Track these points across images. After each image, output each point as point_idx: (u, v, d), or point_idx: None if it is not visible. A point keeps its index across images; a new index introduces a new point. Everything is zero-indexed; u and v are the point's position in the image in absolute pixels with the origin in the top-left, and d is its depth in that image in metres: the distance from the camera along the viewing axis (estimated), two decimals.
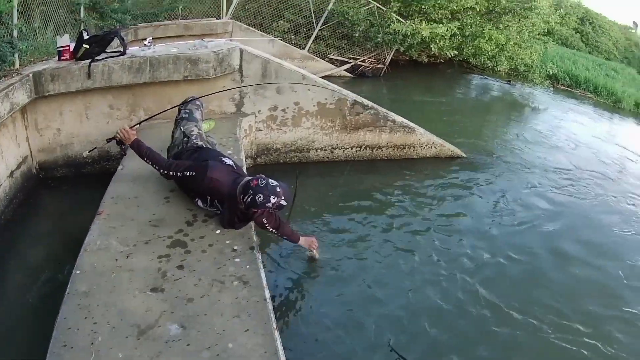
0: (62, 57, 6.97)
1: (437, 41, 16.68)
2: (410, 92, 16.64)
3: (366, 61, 17.98)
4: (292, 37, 17.54)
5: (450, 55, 17.81)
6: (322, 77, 9.48)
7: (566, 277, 6.67)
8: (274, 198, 4.40)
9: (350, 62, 17.84)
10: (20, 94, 6.34)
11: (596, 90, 23.12)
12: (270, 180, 4.48)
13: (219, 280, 3.98)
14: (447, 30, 16.66)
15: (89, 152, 5.72)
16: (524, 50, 18.68)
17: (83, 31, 7.09)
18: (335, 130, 8.85)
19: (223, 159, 5.16)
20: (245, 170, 5.62)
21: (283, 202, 4.51)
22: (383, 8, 17.22)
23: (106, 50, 7.08)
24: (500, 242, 7.25)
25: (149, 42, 7.75)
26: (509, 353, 5.22)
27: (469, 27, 17.50)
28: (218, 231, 4.68)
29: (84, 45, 6.84)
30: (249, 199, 4.40)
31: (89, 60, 6.80)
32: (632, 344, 5.54)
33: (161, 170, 4.91)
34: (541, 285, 6.38)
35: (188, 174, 4.78)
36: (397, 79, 17.95)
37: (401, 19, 16.99)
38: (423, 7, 17.24)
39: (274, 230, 5.15)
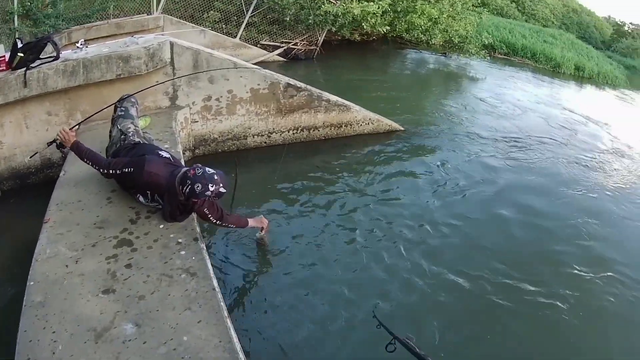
0: None
1: (369, 19, 16.70)
2: (345, 72, 16.81)
3: (298, 44, 17.96)
4: (224, 26, 17.45)
5: (383, 32, 17.87)
6: (255, 64, 9.55)
7: (509, 239, 7.06)
8: (212, 186, 4.43)
9: (282, 47, 17.81)
10: None
11: (534, 56, 23.83)
12: (207, 169, 4.52)
13: (167, 274, 4.09)
14: (379, 7, 16.71)
15: (30, 157, 5.71)
16: (457, 22, 18.96)
17: (17, 40, 7.01)
18: (271, 114, 8.94)
19: (159, 152, 5.18)
20: (183, 163, 5.62)
21: (222, 190, 4.54)
22: None
23: (40, 57, 6.98)
24: (442, 211, 7.52)
25: (81, 44, 7.67)
26: (459, 319, 5.48)
27: (401, 2, 17.58)
28: (162, 226, 4.76)
29: (19, 54, 6.74)
30: (187, 189, 4.45)
31: (25, 69, 6.71)
32: (576, 298, 5.95)
33: (101, 170, 4.91)
34: (485, 250, 6.70)
35: (126, 170, 4.78)
36: (331, 59, 18.03)
37: (332, 0, 17.03)
38: None
39: (218, 222, 5.20)
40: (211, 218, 5.07)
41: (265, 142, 9.18)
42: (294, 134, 9.32)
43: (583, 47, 29.80)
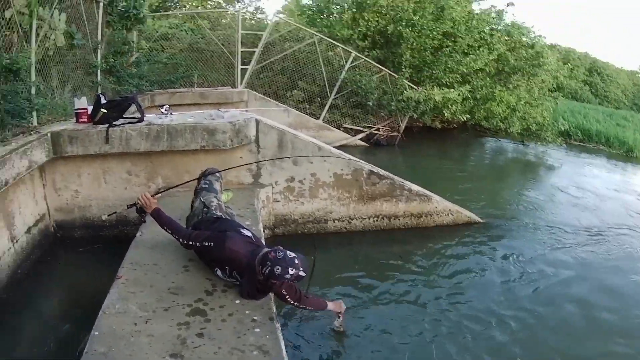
0: (80, 120, 7.10)
1: (450, 106, 16.80)
2: (425, 159, 16.77)
3: (381, 129, 18.07)
4: (307, 106, 17.69)
5: (463, 120, 17.97)
6: (337, 147, 9.57)
7: (595, 328, 6.63)
8: (292, 270, 4.39)
9: (365, 131, 17.95)
10: (38, 152, 6.46)
11: (608, 141, 23.44)
12: (288, 252, 4.50)
13: (239, 349, 3.94)
14: (459, 94, 16.84)
15: (108, 215, 5.75)
16: (535, 109, 18.89)
17: (100, 95, 7.19)
18: (352, 200, 8.81)
19: (241, 230, 5.19)
20: (264, 241, 5.62)
21: (302, 274, 4.49)
22: (395, 75, 17.44)
23: (124, 116, 7.19)
24: (525, 301, 7.17)
25: (165, 110, 7.84)
26: None
27: (480, 89, 17.76)
28: (237, 301, 4.66)
29: (102, 110, 6.93)
30: (267, 271, 4.40)
31: (107, 125, 6.91)
32: None
33: (181, 240, 4.99)
34: (571, 338, 6.35)
35: (207, 244, 4.83)
36: (412, 146, 18.04)
37: (413, 86, 17.21)
38: (434, 72, 17.53)
39: (296, 304, 5.11)
40: (289, 299, 4.99)
41: (345, 228, 9.02)
42: (374, 221, 9.13)
43: None
